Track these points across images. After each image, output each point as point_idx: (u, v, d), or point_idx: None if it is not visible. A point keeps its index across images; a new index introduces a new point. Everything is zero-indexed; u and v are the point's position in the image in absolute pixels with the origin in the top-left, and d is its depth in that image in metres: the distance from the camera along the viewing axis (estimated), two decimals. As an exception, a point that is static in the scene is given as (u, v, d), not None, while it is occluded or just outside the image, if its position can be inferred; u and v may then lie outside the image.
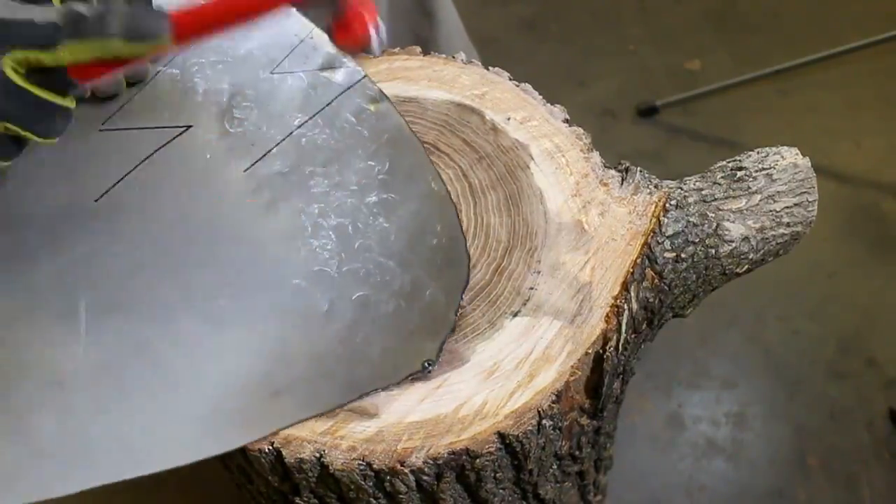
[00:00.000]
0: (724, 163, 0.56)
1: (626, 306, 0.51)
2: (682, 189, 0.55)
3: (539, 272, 0.52)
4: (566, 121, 0.61)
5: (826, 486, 1.17)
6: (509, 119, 0.61)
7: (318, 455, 0.45)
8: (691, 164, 1.42)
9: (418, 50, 0.67)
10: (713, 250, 0.53)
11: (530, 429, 0.46)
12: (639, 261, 0.52)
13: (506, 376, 0.48)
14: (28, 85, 0.41)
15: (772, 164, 0.54)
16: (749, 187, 0.54)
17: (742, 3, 1.96)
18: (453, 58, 0.66)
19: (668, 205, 0.54)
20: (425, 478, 0.46)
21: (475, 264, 0.53)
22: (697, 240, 0.53)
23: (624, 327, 0.51)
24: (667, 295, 0.53)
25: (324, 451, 0.45)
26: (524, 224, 0.55)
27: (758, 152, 0.56)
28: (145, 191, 0.53)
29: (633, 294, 0.51)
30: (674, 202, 0.54)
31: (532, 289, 0.51)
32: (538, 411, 0.46)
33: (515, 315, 0.50)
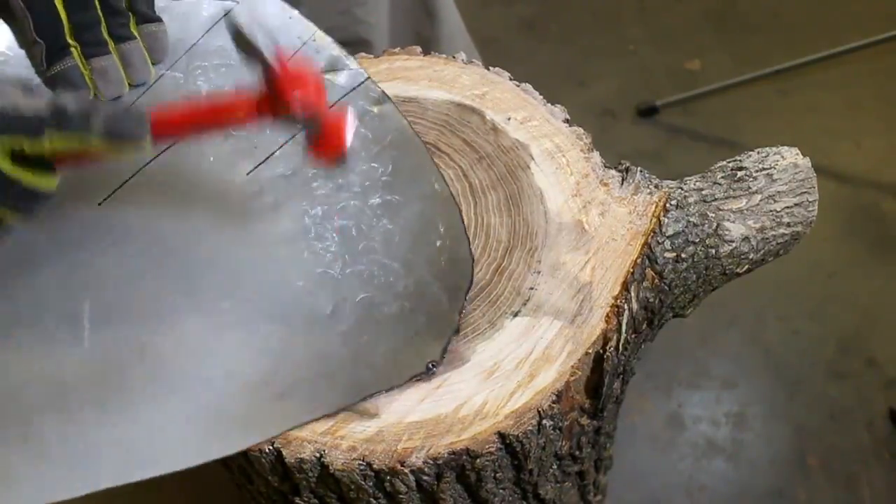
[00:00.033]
0: (725, 163, 0.56)
1: (626, 306, 0.51)
2: (682, 189, 0.55)
3: (539, 272, 0.52)
4: (566, 121, 0.61)
5: (826, 486, 1.17)
6: (510, 119, 0.61)
7: (318, 455, 0.45)
8: (691, 164, 1.42)
9: (418, 50, 0.67)
10: (713, 250, 0.53)
11: (530, 429, 0.46)
12: (639, 261, 0.52)
13: (506, 376, 0.48)
14: (13, 171, 0.43)
15: (772, 164, 0.54)
16: (749, 187, 0.54)
17: (742, 3, 1.96)
18: (454, 58, 0.66)
19: (668, 205, 0.54)
20: (425, 478, 0.46)
21: (475, 264, 0.53)
22: (698, 240, 0.53)
23: (624, 327, 0.51)
24: (667, 295, 0.53)
25: (324, 451, 0.45)
26: (524, 224, 0.55)
27: (758, 152, 0.55)
28: (148, 195, 0.53)
29: (633, 294, 0.51)
30: (674, 202, 0.54)
31: (532, 289, 0.51)
32: (538, 411, 0.46)
33: (516, 315, 0.50)
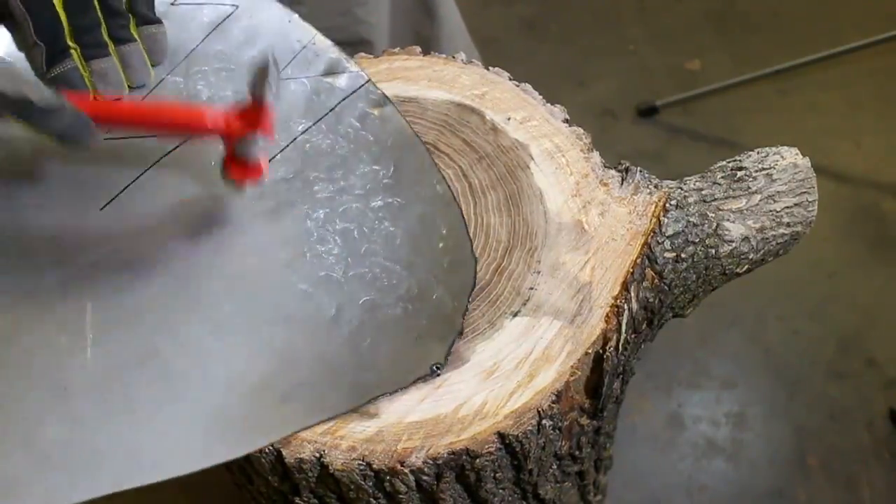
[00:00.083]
0: (724, 163, 0.56)
1: (626, 306, 0.51)
2: (682, 189, 0.55)
3: (539, 272, 0.52)
4: (566, 121, 0.61)
5: (826, 486, 1.17)
6: (509, 119, 0.61)
7: (318, 455, 0.45)
8: (691, 164, 1.42)
9: (418, 50, 0.67)
10: (713, 250, 0.53)
11: (530, 429, 0.46)
12: (639, 261, 0.52)
13: (506, 376, 0.48)
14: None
15: (772, 164, 0.54)
16: (749, 187, 0.54)
17: (742, 3, 1.96)
18: (453, 58, 0.66)
19: (668, 205, 0.54)
20: (425, 478, 0.46)
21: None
22: (697, 240, 0.53)
23: (624, 327, 0.51)
24: (667, 295, 0.53)
25: (324, 451, 0.45)
26: (524, 224, 0.55)
27: (758, 152, 0.55)
28: (150, 199, 0.53)
29: (633, 294, 0.51)
30: (674, 202, 0.54)
31: (532, 289, 0.51)
32: (538, 411, 0.46)
33: (515, 315, 0.50)
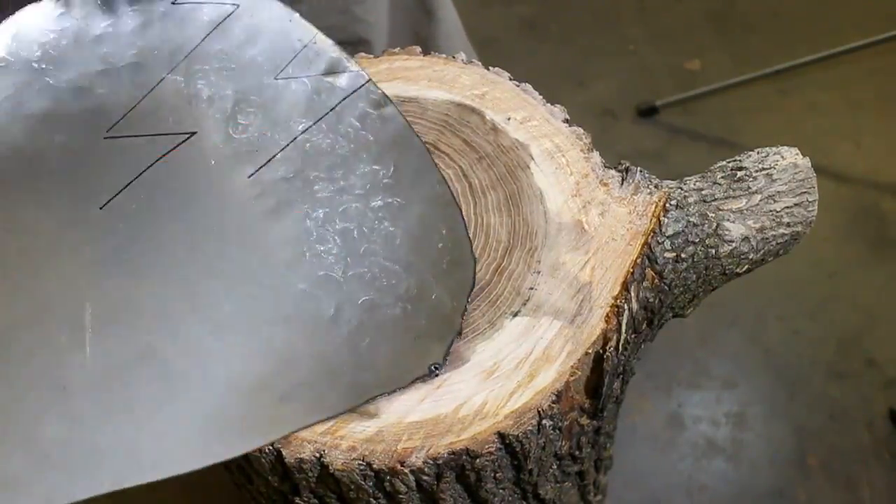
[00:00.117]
0: (724, 163, 0.56)
1: (626, 306, 0.51)
2: (682, 189, 0.55)
3: (539, 272, 0.52)
4: (566, 121, 0.61)
5: (826, 486, 1.17)
6: (509, 119, 0.61)
7: (318, 455, 0.45)
8: (691, 164, 1.42)
9: (418, 50, 0.67)
10: (713, 250, 0.53)
11: (530, 429, 0.46)
12: (639, 261, 0.52)
13: (506, 376, 0.48)
14: None
15: (772, 164, 0.54)
16: (749, 187, 0.54)
17: (742, 3, 1.96)
18: (453, 58, 0.66)
19: (668, 205, 0.54)
20: (425, 478, 0.46)
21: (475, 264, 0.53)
22: (697, 240, 0.53)
23: (624, 327, 0.51)
24: (667, 295, 0.53)
25: (324, 451, 0.45)
26: (524, 224, 0.55)
27: (758, 152, 0.55)
28: (150, 198, 0.53)
29: (633, 294, 0.51)
30: (674, 202, 0.54)
31: (532, 289, 0.51)
32: (538, 411, 0.46)
33: (515, 315, 0.50)
